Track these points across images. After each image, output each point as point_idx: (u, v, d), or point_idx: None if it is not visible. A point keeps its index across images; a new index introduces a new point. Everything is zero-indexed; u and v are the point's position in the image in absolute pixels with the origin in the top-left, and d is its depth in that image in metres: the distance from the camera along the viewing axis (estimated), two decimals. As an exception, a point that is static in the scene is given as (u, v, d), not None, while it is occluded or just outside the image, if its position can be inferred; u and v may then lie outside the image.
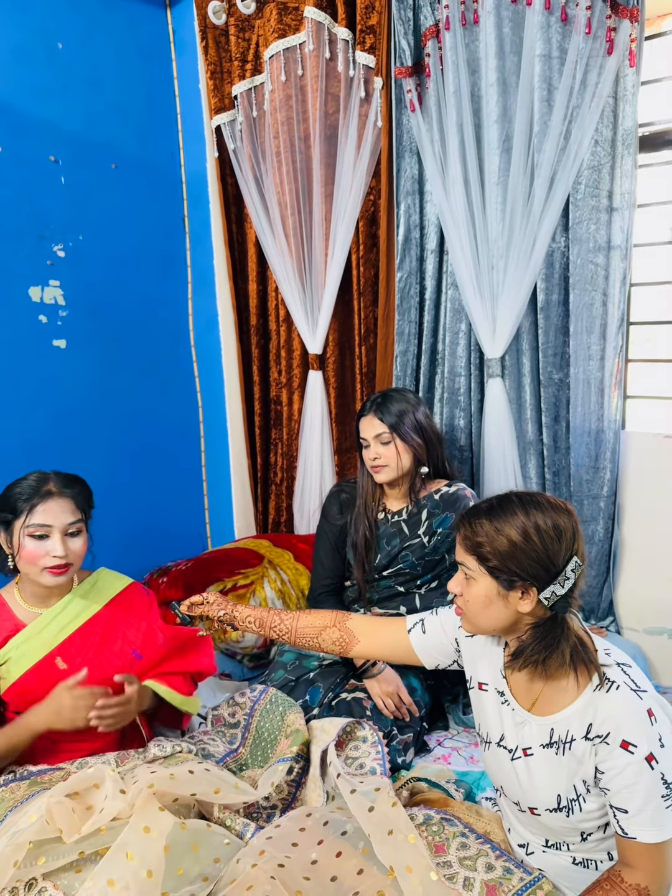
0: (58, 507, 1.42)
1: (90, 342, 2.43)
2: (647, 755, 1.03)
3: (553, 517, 1.10)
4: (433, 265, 2.19)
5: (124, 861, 1.17)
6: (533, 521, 1.09)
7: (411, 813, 1.29)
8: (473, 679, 1.30)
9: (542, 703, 1.16)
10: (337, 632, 1.40)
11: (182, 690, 1.55)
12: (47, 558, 1.41)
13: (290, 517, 2.73)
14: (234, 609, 1.44)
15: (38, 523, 1.40)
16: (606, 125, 1.87)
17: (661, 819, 1.04)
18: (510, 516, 1.10)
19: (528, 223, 1.96)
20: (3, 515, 1.43)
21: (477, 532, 1.12)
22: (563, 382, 2.05)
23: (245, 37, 2.45)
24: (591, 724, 1.08)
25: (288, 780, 1.54)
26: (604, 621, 2.12)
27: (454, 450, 2.25)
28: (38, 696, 1.46)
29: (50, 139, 2.27)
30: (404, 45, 2.07)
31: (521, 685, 1.20)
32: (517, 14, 1.89)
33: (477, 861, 1.17)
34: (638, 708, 1.05)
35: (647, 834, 1.04)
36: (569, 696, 1.12)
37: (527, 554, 1.08)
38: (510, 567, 1.09)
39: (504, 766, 1.22)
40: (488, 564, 1.11)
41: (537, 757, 1.16)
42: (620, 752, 1.05)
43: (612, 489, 2.03)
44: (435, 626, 1.36)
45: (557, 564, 1.08)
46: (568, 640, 1.11)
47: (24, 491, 1.42)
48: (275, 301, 2.62)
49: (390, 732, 1.69)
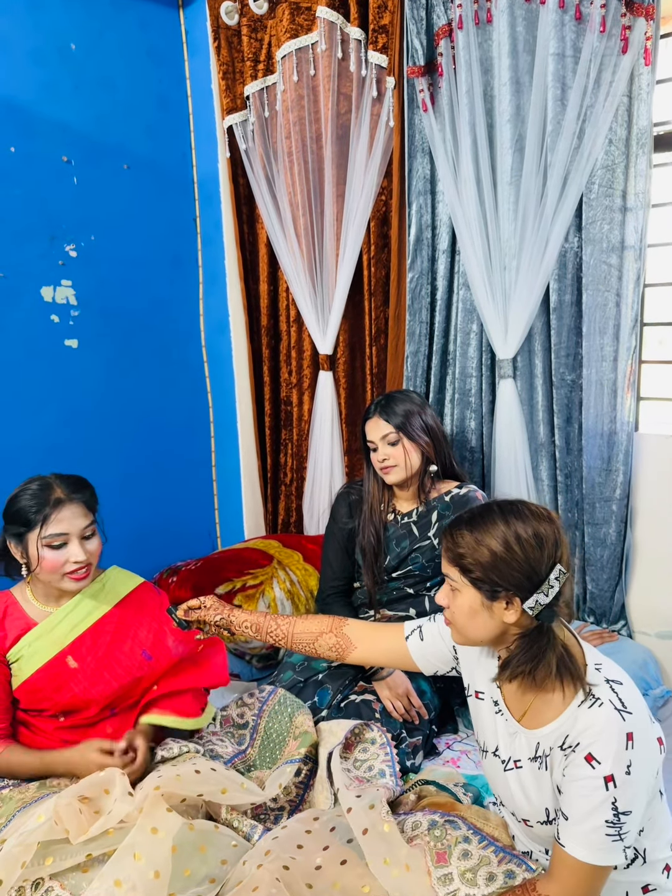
0: (70, 513, 1.42)
1: (101, 342, 2.43)
2: (607, 775, 1.00)
3: (534, 525, 1.08)
4: (445, 265, 2.18)
5: (132, 861, 1.17)
6: (513, 530, 1.07)
7: (415, 820, 1.29)
8: (471, 687, 1.29)
9: (532, 715, 1.14)
10: (333, 637, 1.39)
11: (190, 712, 1.53)
12: (68, 564, 1.42)
13: (299, 518, 2.73)
14: (231, 614, 1.43)
15: (54, 533, 1.40)
16: (621, 124, 1.85)
17: (597, 843, 1.01)
18: (490, 526, 1.09)
19: (541, 223, 1.94)
20: (15, 528, 1.42)
21: (458, 543, 1.11)
22: (575, 384, 2.03)
23: (257, 37, 2.45)
24: (567, 735, 1.07)
25: (296, 781, 1.53)
26: (615, 625, 2.10)
27: (465, 451, 2.23)
28: (48, 694, 1.46)
29: (62, 140, 2.28)
30: (417, 45, 2.06)
31: (513, 696, 1.18)
32: (531, 13, 1.88)
33: (478, 873, 1.16)
34: (615, 728, 1.02)
35: (577, 848, 1.02)
36: (555, 710, 1.10)
37: (508, 564, 1.06)
38: (492, 577, 1.07)
39: (499, 776, 1.21)
40: (471, 576, 1.10)
41: (525, 770, 1.15)
42: (583, 763, 1.03)
43: (625, 492, 2.00)
44: (433, 634, 1.35)
45: (540, 573, 1.07)
46: (554, 650, 1.08)
47: (34, 502, 1.41)
48: (285, 301, 2.62)
49: (399, 735, 1.68)
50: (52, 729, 1.49)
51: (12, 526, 1.43)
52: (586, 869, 1.02)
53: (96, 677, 1.48)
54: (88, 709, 1.49)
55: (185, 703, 1.54)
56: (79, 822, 1.22)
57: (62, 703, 1.47)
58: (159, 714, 1.50)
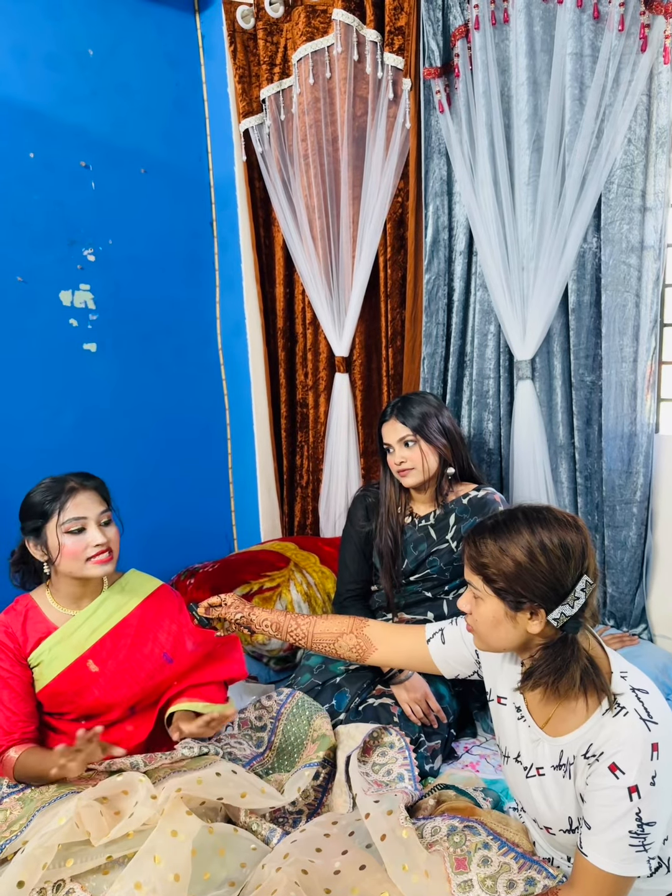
0: (87, 499, 1.44)
1: (119, 345, 2.45)
2: (631, 785, 0.99)
3: (560, 534, 1.05)
4: (462, 266, 2.17)
5: (152, 864, 1.17)
6: (539, 539, 1.04)
7: (434, 825, 1.28)
8: (493, 692, 1.28)
9: (556, 723, 1.13)
10: (354, 638, 1.38)
11: (217, 700, 1.54)
12: (89, 549, 1.43)
13: (315, 520, 2.73)
14: (252, 612, 1.43)
15: (73, 517, 1.42)
16: (640, 123, 1.84)
17: (620, 853, 1.00)
18: (515, 535, 1.06)
19: (559, 223, 1.93)
20: (32, 523, 1.44)
21: (482, 552, 1.09)
22: (595, 385, 2.01)
23: (273, 40, 2.46)
24: (591, 743, 1.05)
25: (314, 785, 1.53)
26: (636, 628, 2.07)
27: (482, 453, 2.22)
28: (69, 698, 1.47)
29: (81, 145, 2.29)
30: (433, 46, 2.06)
31: (536, 703, 1.17)
32: (548, 12, 1.87)
33: (498, 880, 1.15)
34: (641, 738, 1.01)
35: (600, 858, 1.01)
36: (579, 719, 1.09)
37: (533, 575, 1.04)
38: (516, 589, 1.05)
39: (521, 783, 1.20)
40: (494, 586, 1.07)
41: (548, 778, 1.13)
42: (607, 773, 1.01)
43: (646, 494, 1.98)
44: (455, 637, 1.34)
45: (566, 585, 1.04)
46: (578, 661, 1.06)
47: (48, 493, 1.43)
48: (301, 304, 2.62)
49: (418, 739, 1.67)
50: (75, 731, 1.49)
51: (30, 521, 1.44)
52: (609, 879, 1.01)
53: (117, 681, 1.48)
54: (111, 712, 1.50)
55: (211, 692, 1.54)
56: (99, 823, 1.22)
57: (84, 707, 1.48)
58: (189, 701, 1.50)
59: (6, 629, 1.47)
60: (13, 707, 1.44)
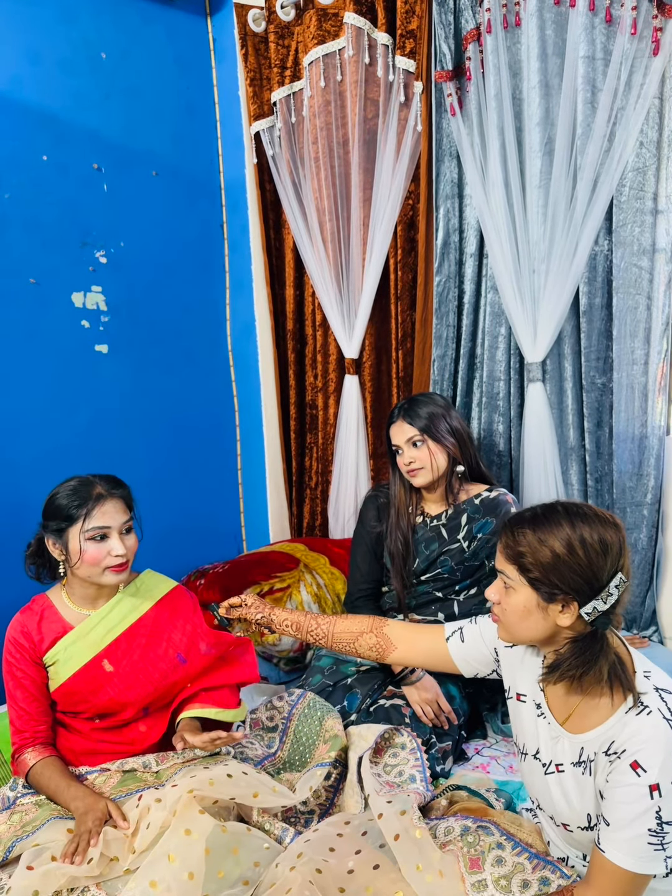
0: (112, 508, 1.44)
1: (131, 347, 2.46)
2: (652, 784, 0.99)
3: (600, 531, 1.06)
4: (472, 269, 2.17)
5: (166, 863, 1.18)
6: (579, 533, 1.06)
7: (448, 825, 1.28)
8: (512, 689, 1.28)
9: (577, 719, 1.13)
10: (374, 637, 1.39)
11: (230, 704, 1.54)
12: (109, 558, 1.44)
13: (324, 521, 2.73)
14: (272, 612, 1.44)
15: (97, 526, 1.42)
16: (652, 126, 1.84)
17: (638, 850, 1.00)
18: (555, 527, 1.07)
19: (571, 226, 1.93)
20: (56, 524, 1.44)
21: (519, 542, 1.09)
22: (605, 387, 2.02)
23: (284, 44, 2.47)
24: (613, 740, 1.06)
25: (326, 785, 1.53)
26: (646, 631, 2.07)
27: (492, 455, 2.22)
28: (84, 697, 1.48)
29: (93, 148, 2.31)
30: (445, 49, 2.06)
31: (557, 698, 1.17)
32: (560, 16, 1.88)
33: (512, 880, 1.15)
34: (663, 737, 1.01)
35: (617, 854, 1.02)
36: (601, 715, 1.09)
37: (570, 567, 1.05)
38: (552, 580, 1.06)
39: (539, 780, 1.20)
40: (529, 575, 1.08)
41: (568, 775, 1.14)
42: (628, 770, 1.02)
43: (657, 496, 1.98)
44: (474, 635, 1.34)
45: (601, 580, 1.05)
46: (607, 657, 1.07)
47: (75, 497, 1.43)
48: (311, 306, 2.63)
49: (429, 740, 1.68)
50: (89, 730, 1.51)
51: (53, 522, 1.45)
52: (626, 876, 1.01)
53: (132, 680, 1.49)
54: (124, 711, 1.50)
55: (224, 696, 1.55)
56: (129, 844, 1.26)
57: (99, 706, 1.49)
58: (201, 707, 1.51)
59: (22, 628, 1.48)
60: (26, 706, 1.46)
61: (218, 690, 1.55)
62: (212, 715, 1.50)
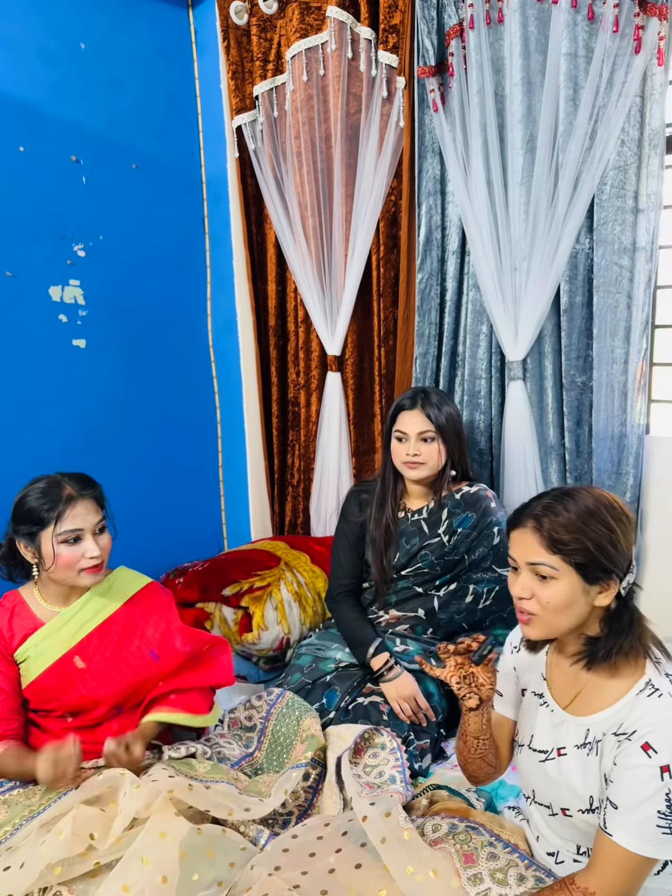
0: (84, 509, 1.42)
1: (109, 342, 2.43)
2: (663, 765, 0.99)
3: (617, 507, 1.10)
4: (454, 266, 2.16)
5: (140, 866, 1.16)
6: (610, 513, 1.09)
7: (435, 823, 1.27)
8: (528, 689, 1.28)
9: (582, 702, 1.14)
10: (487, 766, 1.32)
11: (199, 709, 1.52)
12: (84, 560, 1.42)
13: (306, 519, 2.72)
14: None
15: (70, 529, 1.40)
16: (633, 125, 1.84)
17: (648, 833, 1.00)
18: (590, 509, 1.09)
19: (552, 224, 1.93)
20: (27, 528, 1.42)
21: (557, 529, 1.08)
22: (585, 386, 2.02)
23: (267, 37, 2.44)
24: (622, 722, 1.06)
25: (304, 786, 1.52)
26: (625, 629, 2.08)
27: (474, 453, 2.22)
28: (55, 694, 1.46)
29: (71, 139, 2.27)
30: (428, 45, 2.05)
31: (560, 684, 1.18)
32: (543, 13, 1.87)
33: (508, 873, 1.14)
34: None
35: (625, 837, 1.00)
36: (610, 697, 1.10)
37: (613, 544, 1.07)
38: (598, 559, 1.07)
39: (534, 769, 1.20)
40: (576, 560, 1.07)
41: (570, 757, 1.14)
42: (638, 752, 1.02)
43: (636, 495, 1.99)
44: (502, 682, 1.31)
45: (631, 552, 1.09)
46: (641, 623, 1.12)
47: (45, 500, 1.41)
48: (293, 302, 2.61)
49: (407, 738, 1.67)
50: (60, 729, 1.48)
51: (24, 526, 1.42)
52: (632, 860, 1.00)
53: (104, 677, 1.47)
54: (96, 709, 1.48)
55: (193, 700, 1.52)
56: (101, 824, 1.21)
57: (70, 704, 1.47)
58: (169, 711, 1.49)
59: None
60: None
61: (188, 693, 1.53)
62: (179, 720, 1.49)
